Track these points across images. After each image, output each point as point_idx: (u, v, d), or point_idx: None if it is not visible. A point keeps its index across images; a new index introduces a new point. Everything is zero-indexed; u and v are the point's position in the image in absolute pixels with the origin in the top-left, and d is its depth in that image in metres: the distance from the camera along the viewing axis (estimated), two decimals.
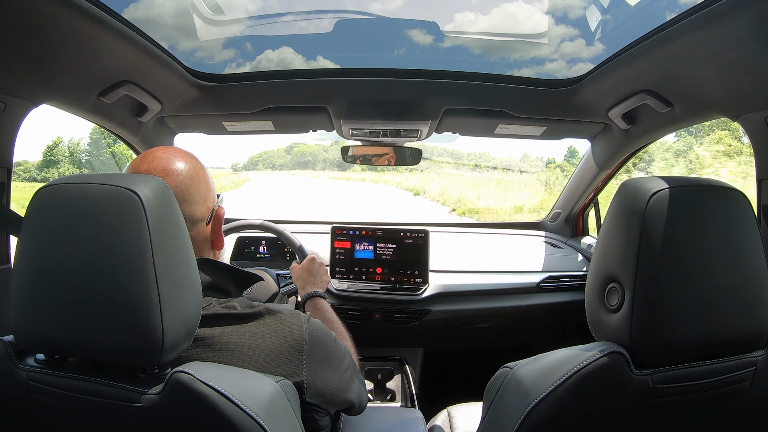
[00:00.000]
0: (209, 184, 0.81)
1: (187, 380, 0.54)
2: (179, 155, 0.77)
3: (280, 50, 1.56)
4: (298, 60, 1.50)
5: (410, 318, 1.71)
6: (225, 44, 1.52)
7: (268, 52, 1.57)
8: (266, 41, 1.55)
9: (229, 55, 1.53)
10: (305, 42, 1.52)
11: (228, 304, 0.71)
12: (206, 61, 1.41)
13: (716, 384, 0.65)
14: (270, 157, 44.21)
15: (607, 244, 0.68)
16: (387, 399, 1.66)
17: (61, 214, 0.56)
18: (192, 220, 0.76)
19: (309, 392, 0.69)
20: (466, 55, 1.57)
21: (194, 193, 0.76)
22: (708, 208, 0.64)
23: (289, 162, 42.58)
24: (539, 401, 0.63)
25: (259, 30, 1.52)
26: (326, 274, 1.30)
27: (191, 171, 0.77)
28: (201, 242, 0.79)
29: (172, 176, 0.74)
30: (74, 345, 0.56)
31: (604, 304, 0.68)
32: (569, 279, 1.81)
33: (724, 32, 0.89)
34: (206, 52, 1.44)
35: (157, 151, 0.76)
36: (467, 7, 1.73)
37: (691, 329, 0.62)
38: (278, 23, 1.55)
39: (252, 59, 1.58)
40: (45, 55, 0.94)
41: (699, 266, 0.62)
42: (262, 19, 1.52)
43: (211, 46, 1.46)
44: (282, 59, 1.55)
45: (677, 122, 1.29)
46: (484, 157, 30.26)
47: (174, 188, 0.73)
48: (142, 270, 0.53)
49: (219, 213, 0.83)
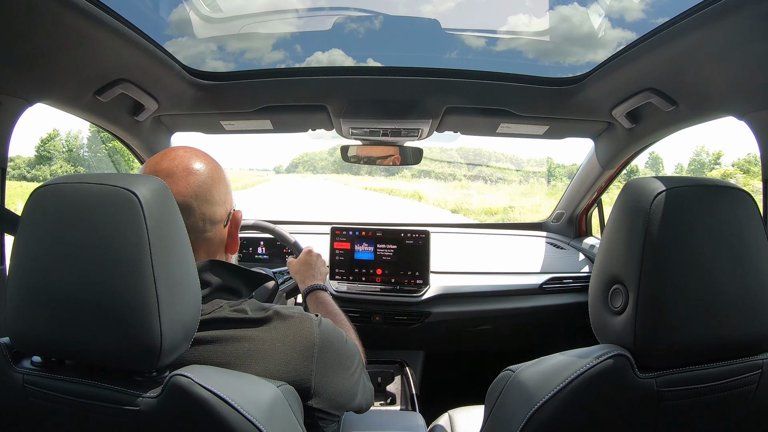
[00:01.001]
0: (228, 186, 0.81)
1: (186, 384, 0.54)
2: (200, 155, 0.78)
3: (280, 49, 1.57)
4: (297, 58, 1.50)
5: (411, 320, 1.71)
6: (223, 42, 1.52)
7: (267, 50, 1.57)
8: (266, 39, 1.55)
9: (226, 53, 1.53)
10: (307, 39, 1.52)
11: (238, 307, 0.71)
12: (204, 59, 1.41)
13: (722, 387, 0.65)
14: (311, 159, 43.41)
15: (610, 245, 0.68)
16: (387, 402, 1.66)
17: (57, 214, 0.56)
18: (212, 221, 0.76)
19: (316, 398, 0.69)
20: (468, 53, 1.58)
21: (215, 194, 0.76)
22: (714, 208, 0.64)
23: (331, 165, 41.53)
24: (542, 405, 0.63)
25: (257, 28, 1.52)
26: (324, 266, 1.30)
27: (212, 171, 0.77)
28: (217, 244, 0.79)
29: (195, 175, 0.74)
30: (71, 347, 0.56)
31: (607, 306, 0.68)
32: (572, 280, 1.81)
33: (729, 29, 0.89)
34: (204, 50, 1.44)
35: (178, 150, 0.77)
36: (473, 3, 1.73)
37: (697, 331, 0.62)
38: (277, 21, 1.55)
39: (250, 57, 1.59)
40: (40, 53, 0.94)
41: (704, 267, 0.62)
42: (261, 17, 1.52)
43: (208, 43, 1.46)
44: (281, 58, 1.55)
45: (682, 121, 1.29)
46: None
47: (196, 187, 0.73)
48: (140, 271, 0.53)
49: (237, 216, 0.83)
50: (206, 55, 1.44)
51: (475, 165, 31.23)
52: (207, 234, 0.76)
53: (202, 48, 1.44)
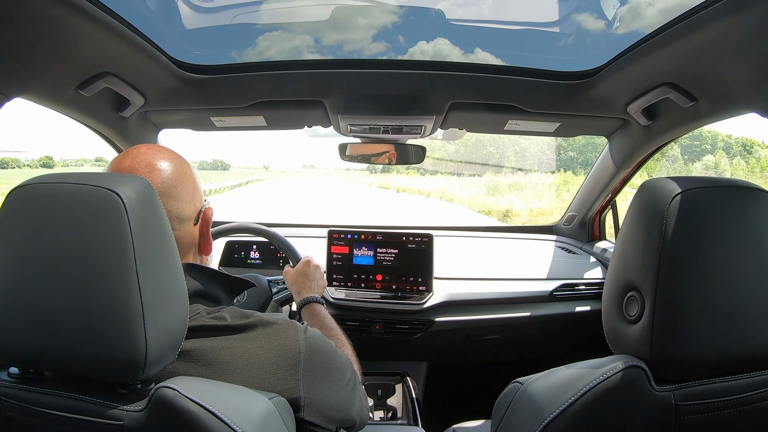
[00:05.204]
0: (196, 184, 0.81)
1: (172, 396, 0.54)
2: (165, 152, 0.78)
3: (272, 40, 1.57)
4: (291, 50, 1.50)
5: (413, 329, 1.71)
6: (213, 33, 1.52)
7: (259, 41, 1.57)
8: (258, 30, 1.56)
9: (217, 45, 1.53)
10: (300, 31, 1.53)
11: (217, 314, 0.71)
12: (193, 51, 1.41)
13: (743, 401, 0.65)
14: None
15: (625, 250, 0.68)
16: (388, 416, 1.66)
17: (35, 216, 0.56)
18: (179, 218, 0.76)
19: (307, 410, 0.69)
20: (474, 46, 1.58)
21: (181, 191, 0.77)
22: (734, 210, 0.64)
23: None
24: (552, 419, 0.63)
25: (250, 18, 1.52)
26: (323, 278, 1.30)
27: (178, 168, 0.77)
28: (187, 244, 0.79)
29: (158, 172, 0.74)
30: (50, 358, 0.56)
31: (622, 315, 0.68)
32: (585, 287, 1.81)
33: (752, 20, 0.89)
34: (193, 42, 1.44)
35: (140, 147, 0.77)
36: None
37: (717, 341, 0.62)
38: (271, 11, 1.56)
39: (242, 49, 1.59)
40: (18, 45, 0.95)
41: (725, 273, 0.62)
42: (254, 6, 1.52)
43: (198, 35, 1.47)
44: (275, 49, 1.55)
45: (702, 118, 1.29)
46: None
47: (160, 184, 0.73)
48: (123, 277, 0.53)
49: (207, 214, 0.83)
50: (195, 47, 1.44)
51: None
52: (175, 233, 0.75)
53: (191, 39, 1.44)
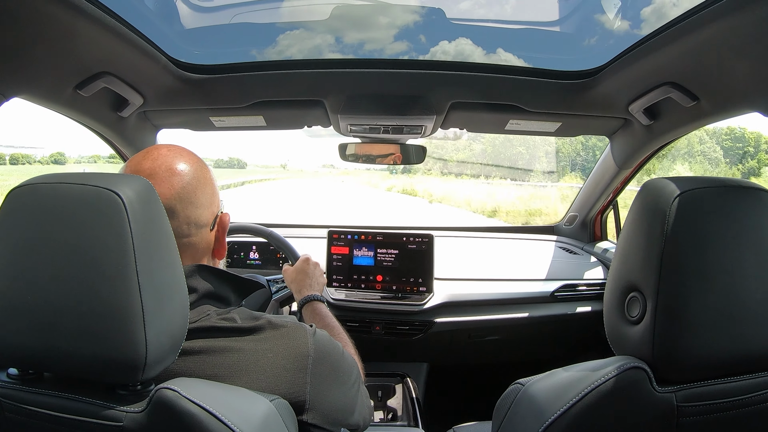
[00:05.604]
0: (215, 189, 0.81)
1: (173, 398, 0.54)
2: (185, 155, 0.78)
3: (272, 40, 1.57)
4: (292, 51, 1.51)
5: (413, 330, 1.71)
6: (213, 33, 1.52)
7: (259, 41, 1.57)
8: (257, 30, 1.56)
9: (216, 45, 1.53)
10: (300, 30, 1.53)
11: (227, 315, 0.71)
12: (192, 51, 1.41)
13: (745, 402, 0.65)
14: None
15: (627, 250, 0.69)
16: (388, 418, 1.66)
17: (35, 216, 0.56)
18: (197, 224, 0.76)
19: (311, 412, 0.69)
20: (474, 45, 1.58)
21: (201, 196, 0.76)
22: (738, 210, 0.64)
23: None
24: (553, 421, 0.63)
25: (249, 17, 1.52)
26: (322, 276, 1.30)
27: (198, 173, 0.77)
28: (203, 249, 0.79)
29: (179, 176, 0.74)
30: (50, 359, 0.56)
31: (624, 316, 0.68)
32: (586, 288, 1.81)
33: (754, 19, 0.89)
34: (192, 42, 1.44)
35: (161, 149, 0.77)
36: None
37: (719, 343, 0.62)
38: (271, 10, 1.56)
39: (242, 49, 1.59)
40: (17, 45, 0.95)
41: (728, 274, 0.62)
42: (254, 6, 1.52)
43: (197, 34, 1.47)
44: (275, 50, 1.55)
45: (704, 118, 1.29)
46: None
47: (180, 190, 0.73)
48: (123, 278, 0.53)
49: (224, 219, 0.83)
50: (195, 47, 1.44)
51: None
52: (192, 239, 0.76)
53: (190, 39, 1.44)
